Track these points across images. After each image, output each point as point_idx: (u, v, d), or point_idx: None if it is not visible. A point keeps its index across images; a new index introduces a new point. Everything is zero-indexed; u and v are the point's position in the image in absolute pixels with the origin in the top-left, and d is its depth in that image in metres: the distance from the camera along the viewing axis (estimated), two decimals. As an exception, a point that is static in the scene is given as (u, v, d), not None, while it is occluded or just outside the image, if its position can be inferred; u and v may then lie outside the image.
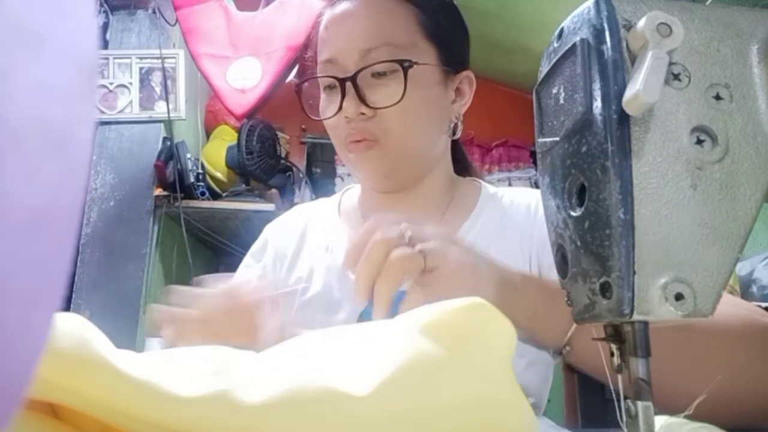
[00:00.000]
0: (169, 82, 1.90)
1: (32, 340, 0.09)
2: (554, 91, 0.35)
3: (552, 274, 0.65)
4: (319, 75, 0.71)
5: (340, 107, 0.67)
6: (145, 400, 0.21)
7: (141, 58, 1.92)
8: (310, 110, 0.75)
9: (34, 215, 0.09)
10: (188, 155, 1.89)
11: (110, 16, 1.97)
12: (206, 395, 0.22)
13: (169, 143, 1.86)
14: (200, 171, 1.96)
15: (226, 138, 2.17)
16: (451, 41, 0.73)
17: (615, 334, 0.31)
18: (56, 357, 0.21)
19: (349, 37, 0.68)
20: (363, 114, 0.67)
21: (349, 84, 0.67)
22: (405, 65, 0.68)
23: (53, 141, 0.09)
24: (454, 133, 0.76)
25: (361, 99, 0.67)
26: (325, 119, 0.71)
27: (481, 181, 0.83)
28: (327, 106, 0.71)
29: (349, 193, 0.87)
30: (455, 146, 0.81)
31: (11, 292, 0.09)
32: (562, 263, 0.35)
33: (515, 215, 0.74)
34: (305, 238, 0.80)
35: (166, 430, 0.21)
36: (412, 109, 0.69)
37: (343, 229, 0.79)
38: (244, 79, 1.71)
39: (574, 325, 0.46)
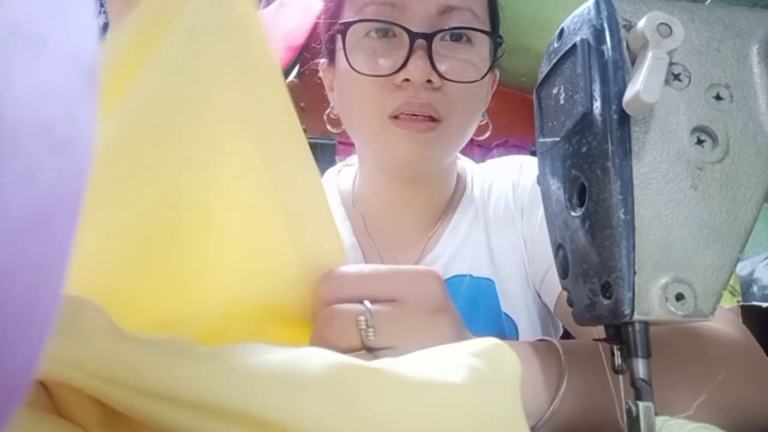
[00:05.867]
0: (169, 83, 1.90)
1: (31, 341, 0.09)
2: (554, 91, 0.35)
3: (540, 246, 0.64)
4: (378, 19, 0.55)
5: (403, 65, 0.54)
6: (152, 360, 0.21)
7: (141, 59, 1.92)
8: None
9: (34, 216, 0.09)
10: (188, 156, 1.88)
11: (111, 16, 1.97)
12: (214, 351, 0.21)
13: (169, 144, 1.86)
14: (200, 171, 1.96)
15: (226, 138, 2.17)
16: (497, 36, 0.64)
17: (616, 335, 0.31)
18: (58, 330, 0.21)
19: None
20: (429, 83, 0.55)
21: (419, 42, 0.54)
22: (498, 40, 0.59)
23: (53, 142, 0.09)
24: (482, 133, 0.68)
25: (433, 65, 0.54)
26: (376, 76, 0.56)
27: (468, 169, 0.77)
28: (371, 59, 0.57)
29: (344, 175, 0.76)
30: None
31: (10, 294, 0.09)
32: (563, 263, 0.35)
33: (502, 192, 0.71)
34: None
35: (169, 400, 0.21)
36: (479, 92, 0.60)
37: (344, 220, 0.71)
38: (245, 80, 1.70)
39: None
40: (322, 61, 0.68)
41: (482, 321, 0.66)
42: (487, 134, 0.69)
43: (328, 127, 0.69)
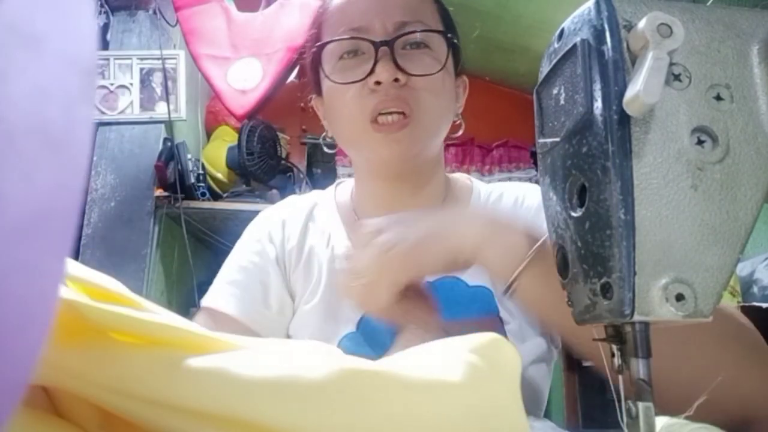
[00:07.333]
0: (169, 83, 1.90)
1: (30, 340, 0.09)
2: (555, 91, 0.35)
3: None
4: (346, 37, 0.67)
5: (371, 71, 0.65)
6: (147, 370, 0.21)
7: (142, 59, 1.92)
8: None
9: (31, 216, 0.09)
10: (189, 156, 1.89)
11: (111, 16, 1.97)
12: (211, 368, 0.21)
13: (169, 144, 1.87)
14: (201, 171, 1.96)
15: (226, 139, 2.18)
16: (458, 42, 0.74)
17: (616, 335, 0.31)
18: (58, 336, 0.21)
19: (384, 7, 0.67)
20: (396, 81, 0.65)
21: (383, 49, 0.65)
22: (449, 36, 0.70)
23: (51, 142, 0.09)
24: (456, 131, 0.76)
25: (397, 65, 0.65)
26: (351, 83, 0.67)
27: (471, 177, 0.84)
28: (346, 73, 0.68)
29: (341, 187, 0.84)
30: None
31: (8, 293, 0.09)
32: (563, 264, 0.35)
33: (503, 208, 0.76)
34: (306, 233, 0.77)
35: (167, 407, 0.21)
36: (442, 85, 0.69)
37: (340, 227, 0.77)
38: (245, 80, 1.71)
39: (520, 269, 0.47)
40: (312, 96, 0.79)
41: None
42: (461, 132, 0.77)
43: (325, 149, 0.82)
